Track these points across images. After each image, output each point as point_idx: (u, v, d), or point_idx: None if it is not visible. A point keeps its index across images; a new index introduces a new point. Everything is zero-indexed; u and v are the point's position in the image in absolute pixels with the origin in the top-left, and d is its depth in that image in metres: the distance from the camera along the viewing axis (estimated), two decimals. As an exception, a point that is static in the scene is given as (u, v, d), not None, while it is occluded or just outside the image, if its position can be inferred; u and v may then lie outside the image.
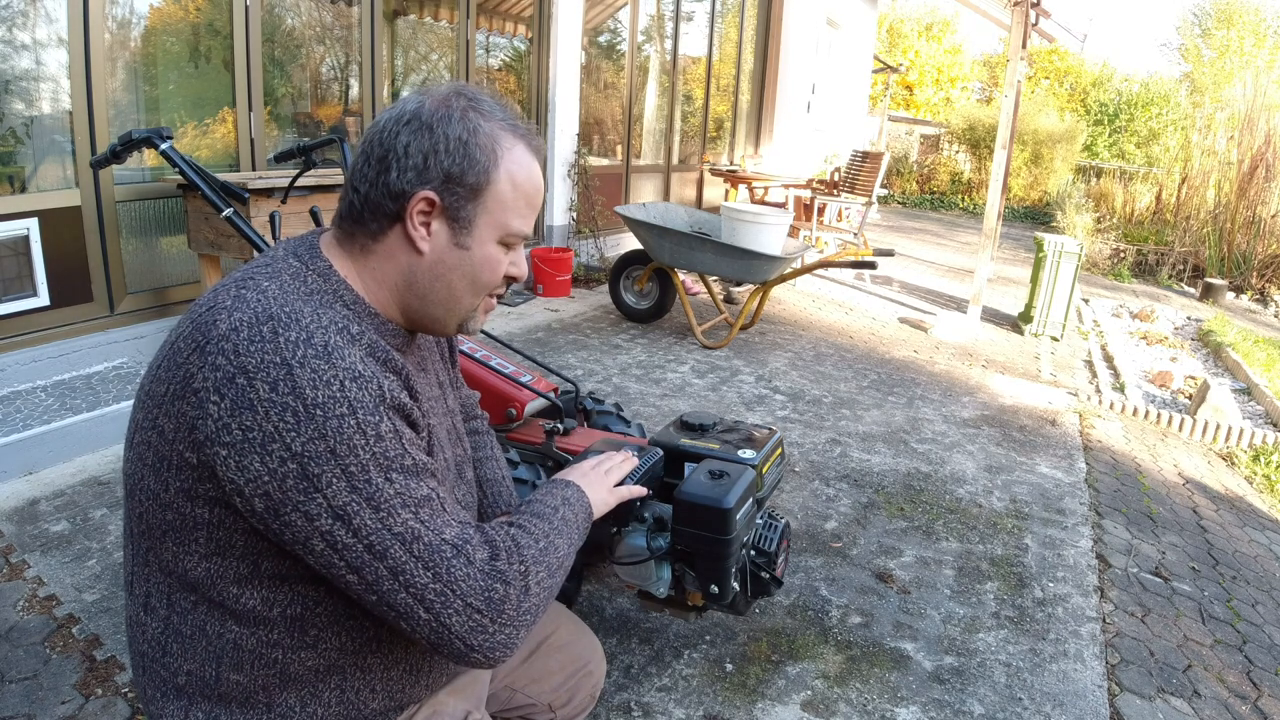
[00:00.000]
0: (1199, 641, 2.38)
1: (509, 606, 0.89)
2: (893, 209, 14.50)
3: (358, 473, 0.82)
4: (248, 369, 0.79)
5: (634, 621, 2.15)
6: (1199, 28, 20.93)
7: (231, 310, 0.83)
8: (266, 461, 0.80)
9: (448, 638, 0.86)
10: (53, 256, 3.12)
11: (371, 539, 0.83)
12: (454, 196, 0.93)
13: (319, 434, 0.80)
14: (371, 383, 0.84)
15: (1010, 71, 5.96)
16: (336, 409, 0.81)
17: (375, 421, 0.83)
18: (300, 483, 0.80)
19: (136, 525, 0.91)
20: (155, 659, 0.93)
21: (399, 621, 0.86)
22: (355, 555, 0.83)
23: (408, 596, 0.85)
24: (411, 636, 0.88)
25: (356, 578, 0.84)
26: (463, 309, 0.99)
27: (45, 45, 3.06)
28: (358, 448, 0.82)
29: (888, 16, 21.80)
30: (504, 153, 0.94)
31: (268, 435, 0.79)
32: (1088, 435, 3.94)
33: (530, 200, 0.98)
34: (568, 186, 6.16)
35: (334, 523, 0.82)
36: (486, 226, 0.95)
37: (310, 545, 0.83)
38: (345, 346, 0.84)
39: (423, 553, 0.85)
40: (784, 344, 5.04)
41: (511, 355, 2.51)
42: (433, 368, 1.12)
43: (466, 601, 0.87)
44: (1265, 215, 9.10)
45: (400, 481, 0.85)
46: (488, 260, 0.97)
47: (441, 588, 0.85)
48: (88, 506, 2.50)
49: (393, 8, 4.83)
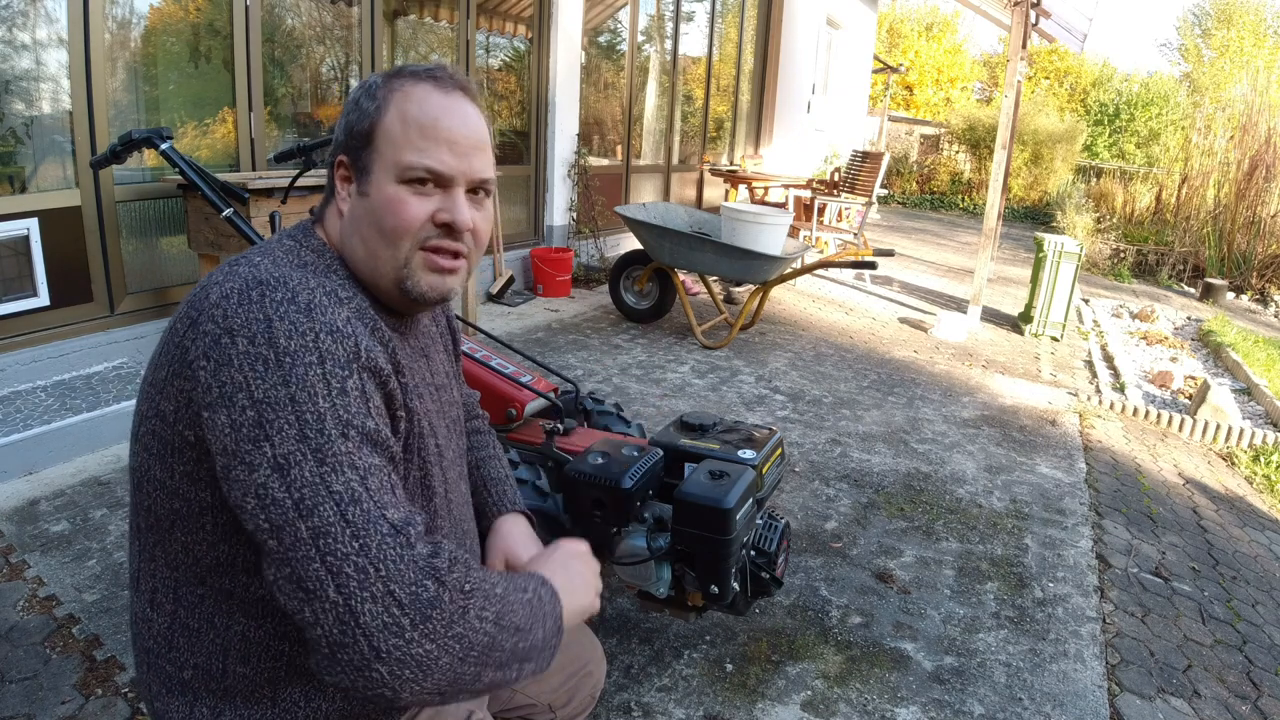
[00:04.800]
0: (1199, 641, 2.38)
1: (437, 614, 0.76)
2: (893, 209, 14.50)
3: (312, 421, 0.77)
4: (233, 329, 0.80)
5: (634, 621, 2.15)
6: (1199, 28, 20.94)
7: (223, 282, 0.84)
8: (230, 413, 0.78)
9: (352, 633, 0.73)
10: (53, 256, 3.12)
11: (304, 493, 0.75)
12: (353, 151, 0.95)
13: (283, 380, 0.78)
14: (349, 340, 0.82)
15: (1010, 71, 5.96)
16: (305, 356, 0.79)
17: (343, 375, 0.80)
18: (253, 431, 0.77)
19: (144, 519, 0.91)
20: (161, 654, 0.93)
21: (302, 609, 0.75)
22: (280, 512, 0.75)
23: (321, 568, 0.74)
24: (310, 634, 0.75)
25: (276, 542, 0.75)
26: (384, 262, 0.93)
27: (45, 45, 3.06)
28: (318, 396, 0.78)
29: (888, 16, 21.80)
30: (394, 93, 0.93)
31: (237, 385, 0.78)
32: (1088, 435, 3.94)
33: (425, 131, 0.92)
34: (568, 186, 6.16)
35: (270, 474, 0.76)
36: (380, 169, 0.92)
37: (244, 504, 0.77)
38: (330, 306, 0.84)
39: (356, 518, 0.76)
40: (784, 344, 5.04)
41: (511, 355, 2.51)
42: (437, 357, 1.12)
43: (389, 588, 0.75)
44: (1265, 215, 9.10)
45: (355, 440, 0.79)
46: (387, 203, 0.92)
47: (364, 563, 0.75)
48: (88, 506, 2.50)
49: (393, 8, 4.83)
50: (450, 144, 0.93)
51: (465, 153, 0.94)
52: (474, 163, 0.95)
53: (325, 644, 0.74)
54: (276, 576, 0.76)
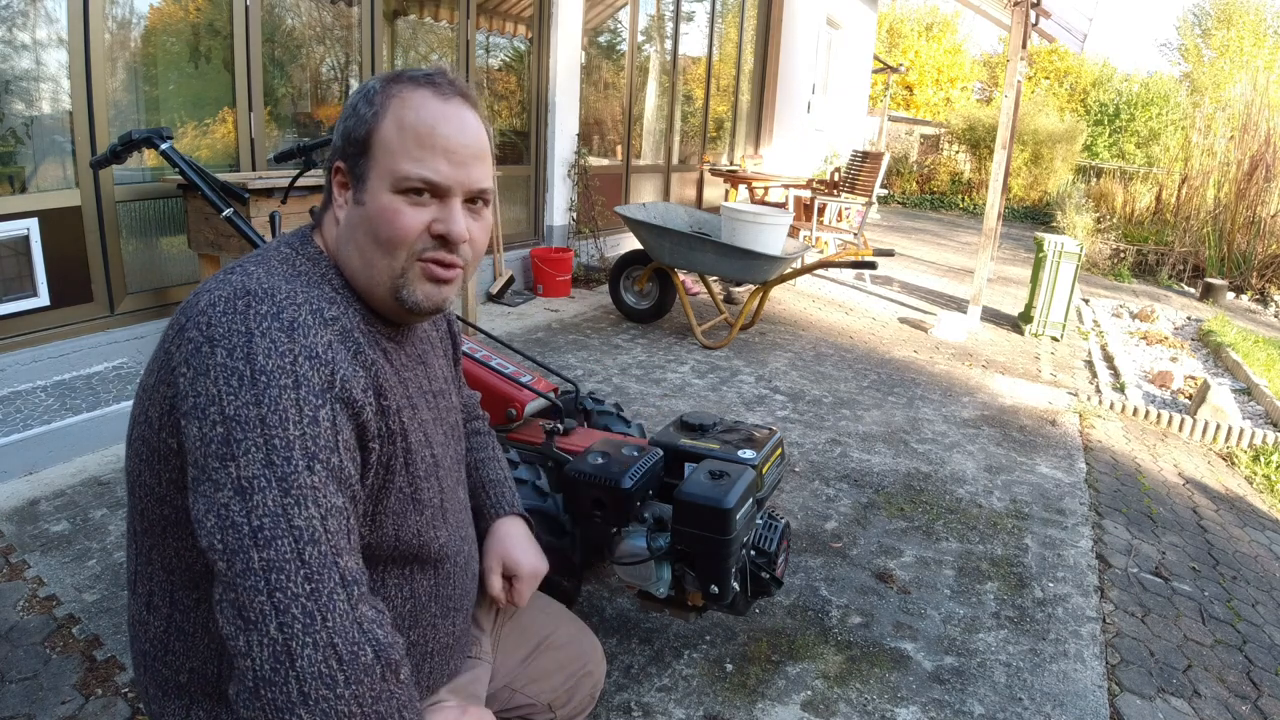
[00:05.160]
0: (1199, 641, 2.38)
1: (369, 681, 0.75)
2: (893, 209, 14.50)
3: (280, 447, 0.76)
4: (214, 338, 0.79)
5: (634, 621, 2.15)
6: (1199, 28, 20.94)
7: (213, 290, 0.84)
8: (201, 425, 0.77)
9: (284, 673, 0.71)
10: (53, 256, 3.12)
11: (264, 522, 0.74)
12: (350, 159, 0.94)
13: (255, 400, 0.76)
14: (326, 367, 0.81)
15: (1010, 71, 5.96)
16: (281, 379, 0.78)
17: (316, 405, 0.79)
18: (221, 448, 0.76)
19: (139, 523, 0.91)
20: (158, 658, 0.93)
21: (238, 637, 0.73)
22: (237, 538, 0.74)
23: (267, 602, 0.72)
24: (238, 664, 0.73)
25: (225, 565, 0.74)
26: (379, 272, 0.92)
27: (45, 45, 3.06)
28: (289, 422, 0.77)
29: (888, 16, 21.80)
30: (391, 100, 0.92)
31: (210, 398, 0.77)
32: (1088, 435, 3.94)
33: (422, 139, 0.90)
34: (568, 187, 6.16)
35: (232, 496, 0.74)
36: (376, 177, 0.91)
37: (204, 520, 0.75)
38: (314, 327, 0.83)
39: (312, 559, 0.75)
40: (784, 344, 5.04)
41: (511, 355, 2.51)
42: (435, 364, 1.12)
43: (331, 639, 0.74)
44: (1265, 215, 9.10)
45: (320, 475, 0.78)
46: (382, 212, 0.90)
47: (313, 608, 0.73)
48: (88, 506, 2.50)
49: (393, 8, 4.83)
50: (447, 153, 0.91)
51: (462, 162, 0.93)
52: (471, 173, 0.93)
53: (251, 678, 0.72)
54: (220, 599, 0.75)
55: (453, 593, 1.06)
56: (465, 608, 1.10)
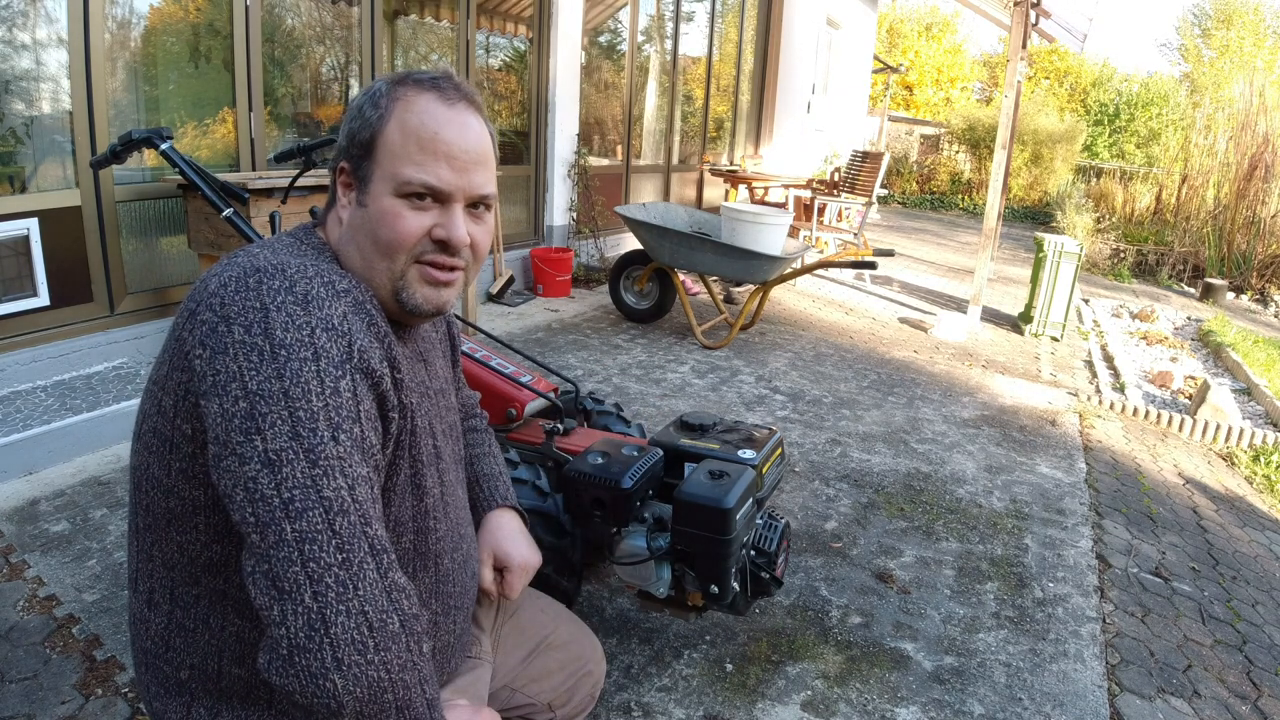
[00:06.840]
0: (1199, 641, 2.38)
1: (395, 648, 0.78)
2: (893, 209, 14.50)
3: (305, 419, 0.77)
4: (229, 316, 0.80)
5: (634, 621, 2.15)
6: (1199, 28, 20.94)
7: (221, 272, 0.85)
8: (223, 402, 0.78)
9: (319, 640, 0.74)
10: (53, 256, 3.12)
11: (294, 494, 0.75)
12: (354, 160, 0.94)
13: (277, 374, 0.77)
14: (343, 338, 0.82)
15: (1010, 71, 5.96)
16: (301, 352, 0.79)
17: (337, 375, 0.80)
18: (245, 423, 0.76)
19: (142, 518, 0.91)
20: (158, 655, 0.93)
21: (272, 606, 0.75)
22: (268, 510, 0.75)
23: (301, 572, 0.74)
24: (273, 633, 0.75)
25: (259, 537, 0.75)
26: (380, 274, 0.93)
27: (45, 45, 3.05)
28: (312, 394, 0.78)
29: (888, 16, 21.80)
30: (396, 103, 0.92)
31: (230, 375, 0.78)
32: (1088, 435, 3.94)
33: (425, 144, 0.90)
34: (568, 186, 6.16)
35: (261, 469, 0.76)
36: (379, 180, 0.92)
37: (233, 495, 0.77)
38: (327, 299, 0.83)
39: (343, 529, 0.77)
40: (784, 344, 5.04)
41: (511, 355, 2.51)
42: (436, 364, 1.12)
43: (363, 607, 0.76)
44: (1265, 215, 9.10)
45: (345, 445, 0.79)
46: (383, 215, 0.91)
47: (345, 577, 0.76)
48: (88, 506, 2.50)
49: (393, 8, 4.83)
50: (449, 158, 0.92)
51: (464, 168, 0.93)
52: (473, 178, 0.94)
53: (286, 645, 0.74)
54: (254, 570, 0.76)
55: (452, 591, 1.06)
56: (465, 607, 1.10)
